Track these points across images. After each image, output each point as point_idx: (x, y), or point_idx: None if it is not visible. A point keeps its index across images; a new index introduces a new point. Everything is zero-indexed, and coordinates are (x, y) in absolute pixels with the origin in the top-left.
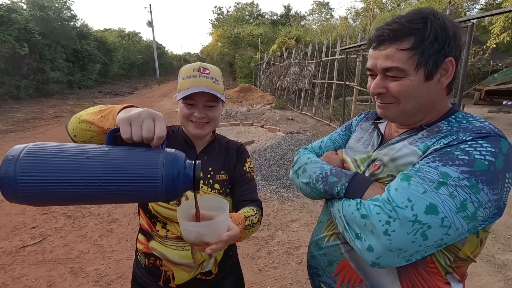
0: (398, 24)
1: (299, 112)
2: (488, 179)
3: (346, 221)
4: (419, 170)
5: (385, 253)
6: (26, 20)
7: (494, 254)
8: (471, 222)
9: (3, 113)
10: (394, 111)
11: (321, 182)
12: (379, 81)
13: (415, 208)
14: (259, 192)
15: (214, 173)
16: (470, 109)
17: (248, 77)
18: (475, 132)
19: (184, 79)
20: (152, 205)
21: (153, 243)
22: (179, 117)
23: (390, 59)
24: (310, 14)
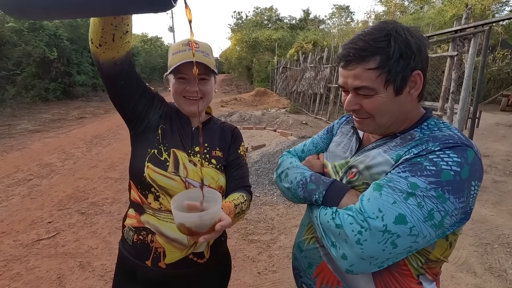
0: (363, 42)
1: (314, 116)
2: (454, 189)
3: (323, 229)
4: (390, 180)
5: (358, 261)
6: (56, 26)
7: (507, 269)
8: (438, 230)
9: (32, 113)
10: (370, 125)
11: (301, 188)
12: (352, 99)
13: (385, 218)
14: (266, 196)
15: (210, 149)
16: (496, 115)
17: (265, 81)
18: (443, 142)
19: (174, 54)
20: (148, 172)
21: (146, 216)
22: (173, 95)
23: (359, 78)
24: (329, 18)
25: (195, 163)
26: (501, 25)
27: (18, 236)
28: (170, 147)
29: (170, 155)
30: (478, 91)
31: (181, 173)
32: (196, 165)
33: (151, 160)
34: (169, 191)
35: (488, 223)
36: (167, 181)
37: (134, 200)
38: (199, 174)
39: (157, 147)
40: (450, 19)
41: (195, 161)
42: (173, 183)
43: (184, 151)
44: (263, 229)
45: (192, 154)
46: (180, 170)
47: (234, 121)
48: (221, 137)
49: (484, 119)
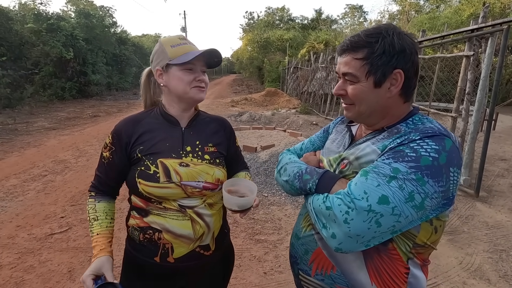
0: (358, 36)
1: (324, 117)
2: (432, 173)
3: (315, 213)
4: (375, 167)
5: (345, 239)
6: (73, 27)
7: None
8: (420, 211)
9: (49, 111)
10: (353, 112)
11: (297, 180)
12: (341, 84)
13: (369, 199)
14: (274, 196)
15: (201, 146)
16: None
17: (276, 81)
18: (423, 132)
19: (174, 47)
20: (142, 187)
21: (151, 217)
22: (177, 86)
23: (347, 65)
24: (342, 18)
25: (188, 163)
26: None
27: (32, 230)
28: (156, 159)
29: (158, 167)
30: (495, 92)
31: (174, 180)
32: (189, 165)
33: (141, 176)
34: (169, 197)
35: (504, 229)
36: (162, 191)
37: (135, 205)
38: (193, 173)
39: (143, 164)
40: (467, 19)
41: (188, 162)
42: (169, 191)
43: (172, 158)
44: (270, 229)
45: (184, 155)
46: (172, 177)
47: (244, 121)
48: (212, 132)
49: (502, 121)
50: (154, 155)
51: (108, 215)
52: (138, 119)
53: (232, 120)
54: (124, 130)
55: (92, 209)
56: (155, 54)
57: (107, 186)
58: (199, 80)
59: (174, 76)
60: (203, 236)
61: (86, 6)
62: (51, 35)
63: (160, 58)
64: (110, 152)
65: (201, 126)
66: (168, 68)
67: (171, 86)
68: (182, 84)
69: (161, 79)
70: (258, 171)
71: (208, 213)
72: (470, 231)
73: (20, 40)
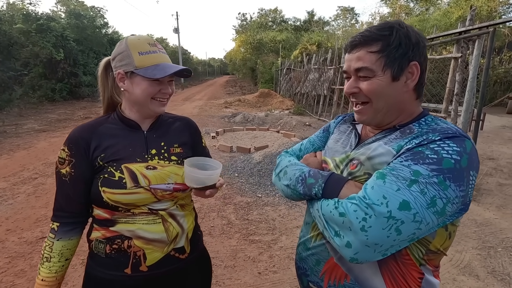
0: (369, 31)
1: (317, 118)
2: (454, 177)
3: (325, 220)
4: (393, 169)
5: (362, 248)
6: (63, 27)
7: (510, 272)
8: (441, 217)
9: (39, 113)
10: (368, 113)
11: (301, 184)
12: (352, 82)
13: (389, 204)
14: (268, 197)
15: (167, 147)
16: (503, 118)
17: (269, 83)
18: (442, 132)
19: (142, 54)
20: (107, 196)
21: (119, 225)
22: (139, 97)
23: (361, 60)
24: (334, 19)
25: (155, 166)
26: (508, 27)
27: (23, 233)
28: (120, 165)
29: (123, 172)
30: (482, 93)
31: (143, 184)
32: (156, 168)
33: (105, 184)
34: (138, 203)
35: (492, 226)
36: (130, 197)
37: (98, 217)
38: (162, 176)
39: (106, 171)
40: (456, 21)
41: (154, 165)
42: (138, 196)
43: (137, 162)
44: (265, 230)
45: (150, 158)
46: (140, 181)
47: (237, 122)
48: (176, 133)
49: (490, 121)
50: (117, 161)
51: (64, 256)
52: (94, 125)
53: (225, 121)
54: (81, 138)
55: (48, 246)
56: (118, 54)
57: (76, 207)
58: (164, 93)
59: (137, 85)
60: (177, 237)
61: (76, 7)
62: (41, 35)
63: (125, 62)
64: (71, 165)
65: (164, 127)
66: (133, 75)
67: (132, 93)
68: (145, 95)
69: (122, 83)
70: (252, 172)
71: (181, 214)
72: (460, 229)
73: (9, 41)
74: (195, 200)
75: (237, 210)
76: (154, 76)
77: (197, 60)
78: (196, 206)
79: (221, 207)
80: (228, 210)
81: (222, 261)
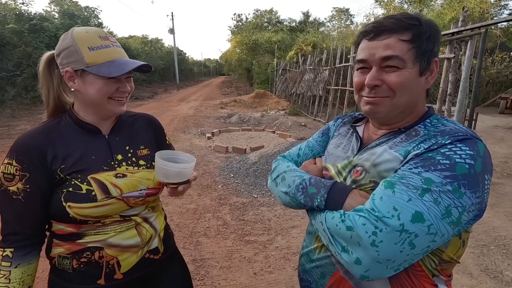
0: (396, 18)
1: (313, 118)
2: (469, 183)
3: (331, 234)
4: (402, 177)
5: (373, 265)
6: (57, 28)
7: (503, 270)
8: (456, 227)
9: (32, 114)
10: (386, 106)
11: (301, 192)
12: (376, 73)
13: (401, 217)
14: (264, 197)
15: (133, 150)
16: (495, 118)
17: (265, 83)
18: (453, 135)
19: (93, 49)
20: (75, 211)
21: (88, 238)
22: (97, 96)
23: (390, 48)
24: (329, 20)
25: (124, 173)
26: (500, 28)
27: None
28: (85, 176)
29: (91, 184)
30: (474, 93)
31: (114, 194)
32: (126, 175)
33: (70, 199)
34: (109, 215)
35: (485, 224)
36: (102, 209)
37: (60, 232)
38: (133, 183)
39: (69, 185)
40: (449, 22)
41: (123, 172)
42: (111, 207)
43: (104, 171)
44: (260, 230)
45: (117, 165)
46: (111, 191)
47: (233, 122)
48: (139, 132)
49: (482, 121)
50: (81, 172)
51: (25, 283)
52: (46, 132)
53: (221, 121)
54: (33, 147)
55: (4, 277)
56: (64, 49)
57: (32, 227)
58: (122, 92)
59: (91, 85)
60: (150, 239)
61: (70, 7)
62: (34, 36)
63: (73, 59)
64: (24, 181)
65: (126, 128)
66: (84, 73)
67: (85, 94)
68: (100, 95)
69: (71, 82)
70: (247, 173)
71: (153, 215)
72: None
73: (1, 41)
74: (190, 201)
75: (233, 210)
76: (110, 75)
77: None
78: (192, 207)
79: (217, 208)
80: (223, 211)
81: (217, 262)
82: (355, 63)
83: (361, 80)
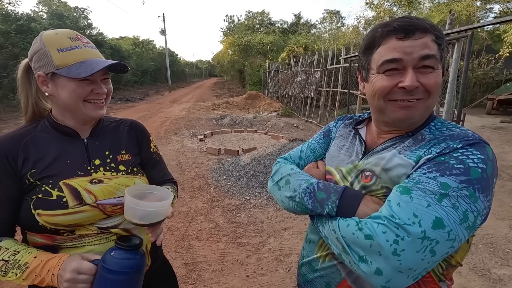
0: (417, 19)
1: (305, 119)
2: (482, 187)
3: (346, 243)
4: (418, 182)
5: (395, 275)
6: (45, 28)
7: (490, 268)
8: (471, 232)
9: (19, 116)
10: (421, 109)
11: (309, 197)
12: (414, 75)
13: (422, 223)
14: (256, 199)
15: (113, 155)
16: (482, 119)
17: (257, 85)
18: (463, 139)
19: (62, 51)
20: (44, 219)
21: (65, 251)
22: (71, 100)
23: (427, 48)
24: (320, 22)
25: (100, 179)
26: (486, 31)
27: None
28: (57, 181)
29: (62, 190)
30: (462, 94)
31: (88, 201)
32: (102, 181)
33: (40, 206)
34: (84, 223)
35: None
36: (74, 217)
37: (35, 244)
38: (110, 189)
39: (39, 191)
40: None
41: (100, 177)
42: (83, 215)
43: (78, 176)
44: (253, 232)
45: (94, 170)
46: (85, 198)
47: (225, 124)
48: (121, 137)
49: (470, 122)
50: (53, 177)
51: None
52: (19, 136)
53: (213, 123)
54: (3, 151)
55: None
56: (35, 53)
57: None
58: (97, 93)
59: (63, 88)
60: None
61: (59, 7)
62: (21, 36)
63: (43, 62)
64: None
65: (107, 132)
66: (55, 77)
67: (59, 98)
68: (74, 98)
69: (45, 86)
70: (240, 174)
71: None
72: None
73: None
74: (182, 204)
75: (225, 213)
76: (79, 76)
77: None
78: (184, 210)
79: (209, 211)
80: (216, 213)
81: (209, 265)
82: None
83: (391, 84)
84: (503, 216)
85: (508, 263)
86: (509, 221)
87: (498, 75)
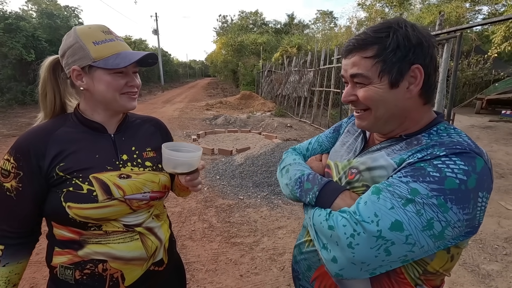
0: (365, 34)
1: (298, 119)
2: (458, 198)
3: (315, 230)
4: (390, 185)
5: (348, 265)
6: (34, 27)
7: (479, 264)
8: (438, 241)
9: (8, 117)
10: (369, 119)
11: (298, 186)
12: (350, 89)
13: (380, 223)
14: (250, 198)
15: (139, 151)
16: (472, 118)
17: (250, 85)
18: (450, 147)
19: (98, 44)
20: (75, 212)
21: (89, 247)
22: (109, 93)
23: (356, 66)
24: (314, 23)
25: (128, 174)
26: (475, 32)
27: None
28: (87, 175)
29: (92, 184)
30: (451, 94)
31: (117, 195)
32: (130, 176)
33: (70, 199)
34: (111, 218)
35: None
36: (103, 211)
37: (61, 238)
38: (137, 185)
39: (70, 184)
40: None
41: (127, 172)
42: (111, 209)
43: (107, 171)
44: (246, 232)
45: (122, 165)
46: (114, 192)
47: (219, 124)
48: (147, 135)
49: (460, 121)
50: (83, 171)
51: (11, 282)
52: (49, 129)
53: (207, 123)
54: (32, 146)
55: None
56: (68, 48)
57: (24, 226)
58: (131, 86)
59: (100, 81)
60: (156, 252)
61: (49, 6)
62: (10, 35)
63: (78, 56)
64: (18, 179)
65: (133, 129)
66: (91, 70)
67: (95, 91)
68: (111, 91)
69: (80, 81)
70: (233, 174)
71: (158, 225)
72: None
73: None
74: (175, 204)
75: (219, 213)
76: (117, 66)
77: (177, 62)
78: (177, 210)
79: (202, 211)
80: (209, 213)
81: (203, 265)
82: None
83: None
84: (491, 213)
85: (496, 258)
86: (498, 217)
87: (487, 75)
